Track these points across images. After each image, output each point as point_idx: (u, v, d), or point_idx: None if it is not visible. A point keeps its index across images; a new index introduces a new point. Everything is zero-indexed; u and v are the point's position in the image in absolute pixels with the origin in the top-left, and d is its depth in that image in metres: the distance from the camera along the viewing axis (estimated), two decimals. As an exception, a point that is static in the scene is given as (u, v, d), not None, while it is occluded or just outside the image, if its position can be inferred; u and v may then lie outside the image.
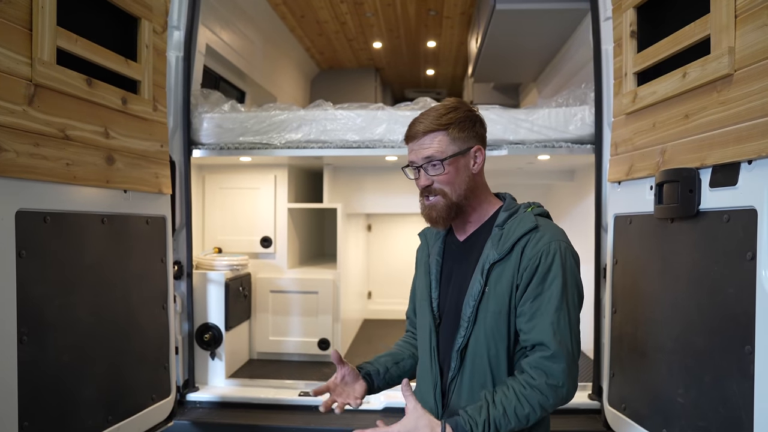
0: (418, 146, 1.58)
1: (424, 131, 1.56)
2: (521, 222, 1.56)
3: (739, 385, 1.60)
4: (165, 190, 2.58)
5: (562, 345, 1.45)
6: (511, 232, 1.55)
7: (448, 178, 1.57)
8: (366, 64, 7.43)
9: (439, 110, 1.58)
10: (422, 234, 1.84)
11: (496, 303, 1.53)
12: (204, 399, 3.05)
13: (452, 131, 1.56)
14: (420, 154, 1.58)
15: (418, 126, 1.58)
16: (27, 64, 1.77)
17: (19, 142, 1.73)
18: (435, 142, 1.56)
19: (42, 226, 1.86)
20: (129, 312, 2.33)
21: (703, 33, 1.79)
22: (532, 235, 1.53)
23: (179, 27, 2.95)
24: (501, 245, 1.54)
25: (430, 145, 1.56)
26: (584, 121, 2.99)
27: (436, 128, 1.56)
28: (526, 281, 1.50)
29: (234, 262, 3.41)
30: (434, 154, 1.55)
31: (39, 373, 1.83)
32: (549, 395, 1.44)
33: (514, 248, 1.53)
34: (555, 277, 1.48)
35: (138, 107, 2.35)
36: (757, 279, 1.53)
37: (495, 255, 1.54)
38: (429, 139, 1.56)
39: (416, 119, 1.60)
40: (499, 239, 1.56)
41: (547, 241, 1.51)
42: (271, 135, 3.22)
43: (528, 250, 1.51)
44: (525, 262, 1.51)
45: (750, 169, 1.59)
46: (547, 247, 1.50)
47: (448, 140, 1.56)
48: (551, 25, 4.09)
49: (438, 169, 1.56)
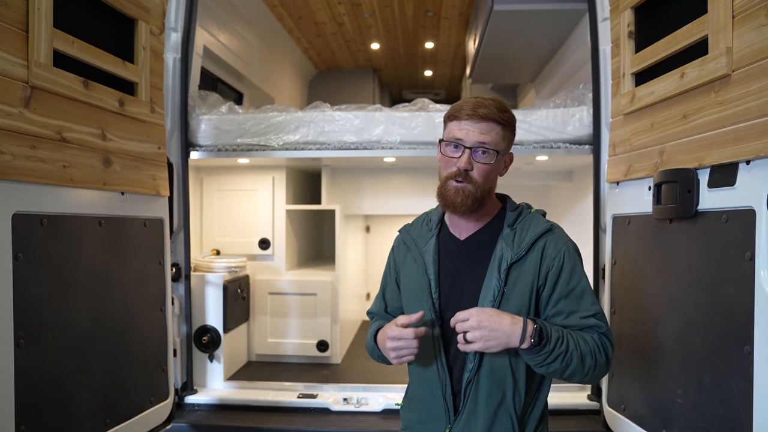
0: (476, 128, 1.52)
1: (486, 116, 1.52)
2: (533, 223, 1.58)
3: (738, 386, 1.60)
4: (163, 192, 2.57)
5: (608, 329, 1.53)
6: (525, 232, 1.56)
7: (488, 170, 1.54)
8: (364, 66, 7.42)
9: (500, 105, 1.55)
10: (404, 231, 1.77)
11: (516, 302, 1.51)
12: (202, 401, 3.04)
13: (506, 129, 1.55)
14: (475, 137, 1.52)
15: (480, 109, 1.52)
16: (23, 66, 1.77)
17: (15, 145, 1.73)
18: (493, 132, 1.52)
19: (39, 228, 1.85)
20: (127, 314, 2.32)
21: (700, 33, 1.79)
22: (549, 237, 1.55)
23: (176, 29, 2.95)
24: (517, 245, 1.54)
25: (488, 132, 1.52)
26: (582, 121, 2.99)
27: (498, 120, 1.52)
28: (552, 281, 1.53)
29: (232, 264, 3.40)
30: (489, 143, 1.52)
31: (36, 377, 1.82)
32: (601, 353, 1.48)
33: (533, 248, 1.54)
34: (579, 274, 1.54)
35: (135, 109, 2.34)
36: (756, 279, 1.53)
37: (512, 255, 1.53)
38: (488, 126, 1.52)
39: (473, 101, 1.54)
40: (512, 239, 1.55)
41: (564, 242, 1.56)
42: (269, 137, 3.21)
43: (549, 251, 1.54)
44: (548, 262, 1.53)
45: (748, 169, 1.59)
46: (566, 247, 1.55)
47: (501, 136, 1.54)
48: (549, 26, 4.09)
49: (488, 158, 1.52)
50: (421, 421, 1.63)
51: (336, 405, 2.96)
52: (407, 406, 1.70)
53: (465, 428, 1.53)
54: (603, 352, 1.48)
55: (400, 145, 3.17)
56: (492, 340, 1.40)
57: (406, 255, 1.72)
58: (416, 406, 1.65)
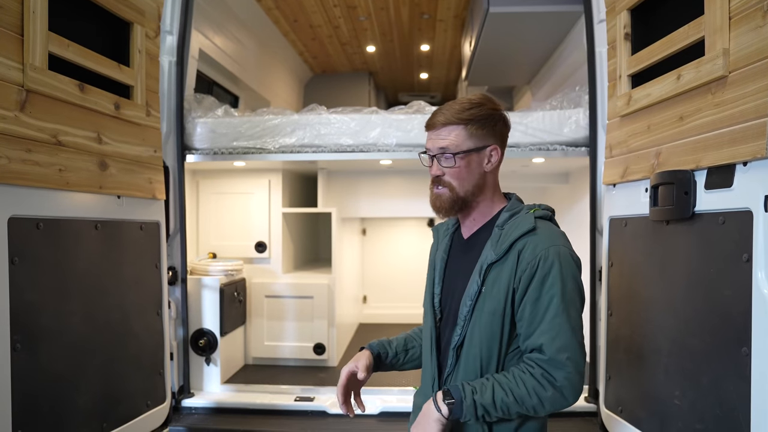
0: (435, 135, 1.60)
1: (444, 122, 1.58)
2: (520, 224, 1.54)
3: (735, 387, 1.60)
4: (159, 196, 2.57)
5: (561, 352, 1.42)
6: (509, 233, 1.53)
7: (458, 172, 1.58)
8: (359, 68, 7.42)
9: (464, 104, 1.58)
10: (434, 229, 1.86)
11: (491, 303, 1.51)
12: (199, 405, 3.03)
13: (471, 127, 1.57)
14: (436, 143, 1.59)
15: (438, 116, 1.59)
16: (18, 69, 1.76)
17: (11, 148, 1.72)
18: (452, 135, 1.57)
19: (35, 232, 1.84)
20: (123, 318, 2.31)
21: (697, 35, 1.79)
22: (529, 238, 1.50)
23: (172, 32, 2.94)
24: (498, 246, 1.53)
25: (446, 137, 1.57)
26: (578, 123, 2.99)
27: (455, 121, 1.57)
28: (524, 285, 1.48)
29: (228, 268, 3.39)
30: (448, 147, 1.57)
31: (33, 381, 1.81)
32: (546, 386, 1.42)
33: (511, 250, 1.51)
34: (554, 282, 1.45)
35: (131, 112, 2.34)
36: (753, 281, 1.53)
37: (492, 256, 1.52)
38: (447, 130, 1.58)
39: (439, 108, 1.62)
40: (497, 240, 1.55)
41: (546, 245, 1.48)
42: (265, 139, 3.21)
43: (526, 253, 1.48)
44: (523, 265, 1.48)
45: (745, 170, 1.60)
46: (545, 252, 1.47)
47: (465, 135, 1.57)
48: (545, 28, 4.10)
49: (449, 161, 1.58)
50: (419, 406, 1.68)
51: (333, 408, 2.95)
52: (417, 392, 1.78)
53: None
54: (547, 385, 1.42)
55: (397, 147, 3.17)
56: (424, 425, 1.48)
57: (432, 251, 1.83)
58: (421, 393, 1.73)
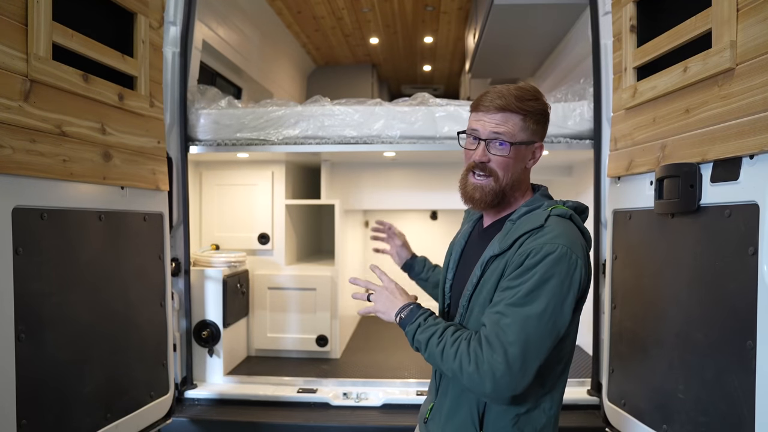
0: (490, 119, 1.50)
1: (503, 107, 1.49)
2: (531, 220, 1.47)
3: (740, 381, 1.59)
4: (162, 187, 2.56)
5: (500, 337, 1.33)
6: (518, 228, 1.47)
7: (506, 162, 1.50)
8: (363, 60, 7.41)
9: (523, 93, 1.50)
10: (467, 211, 1.83)
11: (486, 294, 1.47)
12: (202, 396, 3.04)
13: (528, 119, 1.51)
14: (489, 127, 1.50)
15: (497, 99, 1.49)
16: (22, 59, 1.75)
17: (15, 139, 1.72)
18: (509, 122, 1.49)
19: (39, 223, 1.84)
20: (127, 309, 2.32)
21: (704, 27, 1.78)
22: (533, 233, 1.42)
23: (175, 22, 2.93)
24: (504, 240, 1.47)
25: (503, 122, 1.49)
26: (583, 116, 2.98)
27: (515, 109, 1.49)
28: (509, 272, 1.41)
29: (231, 259, 3.40)
30: (505, 134, 1.49)
31: (37, 371, 1.82)
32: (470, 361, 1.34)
33: (515, 244, 1.45)
34: (532, 276, 1.35)
35: (134, 103, 2.33)
36: (759, 274, 1.52)
37: (497, 249, 1.48)
38: (503, 116, 1.49)
39: (494, 91, 1.52)
40: (506, 234, 1.49)
41: (544, 241, 1.38)
42: (269, 131, 3.20)
43: (525, 246, 1.41)
44: (518, 256, 1.41)
45: (752, 163, 1.59)
46: (539, 246, 1.37)
47: (522, 126, 1.50)
48: (550, 20, 4.08)
49: (503, 150, 1.49)
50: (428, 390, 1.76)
51: (336, 400, 2.96)
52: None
53: (439, 406, 1.60)
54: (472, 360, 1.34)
55: (400, 139, 3.16)
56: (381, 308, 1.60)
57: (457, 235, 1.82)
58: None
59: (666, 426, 1.97)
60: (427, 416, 1.65)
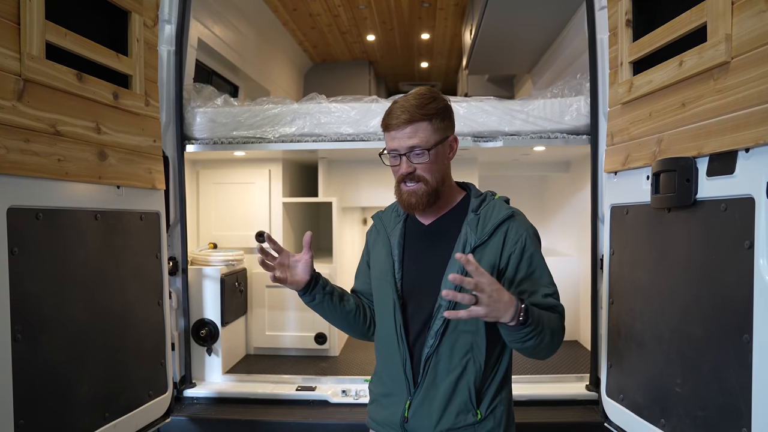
0: (402, 135, 1.61)
1: (408, 120, 1.59)
2: (496, 209, 1.66)
3: (737, 375, 1.60)
4: (159, 186, 2.56)
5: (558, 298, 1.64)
6: (488, 217, 1.64)
7: (429, 166, 1.61)
8: (359, 57, 7.40)
9: (421, 100, 1.61)
10: (377, 217, 1.88)
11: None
12: (201, 395, 3.04)
13: (434, 121, 1.61)
14: (404, 143, 1.61)
15: (402, 115, 1.60)
16: (15, 58, 1.75)
17: (9, 138, 1.71)
18: (420, 131, 1.60)
19: (34, 222, 1.84)
20: (124, 309, 2.31)
21: (699, 20, 1.77)
22: (511, 222, 1.63)
23: (170, 21, 2.92)
24: (480, 230, 1.62)
25: (414, 134, 1.60)
26: (580, 111, 2.98)
27: (420, 118, 1.59)
28: (515, 264, 1.61)
29: (229, 258, 3.39)
30: (419, 144, 1.60)
31: (34, 371, 1.81)
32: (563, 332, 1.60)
33: (495, 233, 1.62)
34: (537, 256, 1.64)
35: (130, 102, 2.32)
36: (755, 268, 1.53)
37: (476, 239, 1.61)
38: (413, 128, 1.60)
39: (396, 108, 1.63)
40: (476, 224, 1.63)
41: (525, 228, 1.64)
42: (265, 129, 3.19)
43: (511, 235, 1.61)
44: (510, 246, 1.61)
45: (747, 157, 1.59)
46: (526, 233, 1.63)
47: (431, 130, 1.61)
48: (546, 15, 4.08)
49: (423, 157, 1.60)
50: (385, 394, 1.72)
51: (335, 397, 2.97)
52: (374, 381, 1.81)
53: (424, 400, 1.62)
54: (562, 329, 1.59)
55: (398, 136, 3.15)
56: (495, 310, 1.37)
57: (376, 239, 1.83)
58: (381, 381, 1.75)
59: (664, 420, 1.97)
60: (407, 415, 1.63)
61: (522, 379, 3.00)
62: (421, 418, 1.62)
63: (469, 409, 1.60)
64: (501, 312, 1.38)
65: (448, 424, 1.59)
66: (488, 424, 1.61)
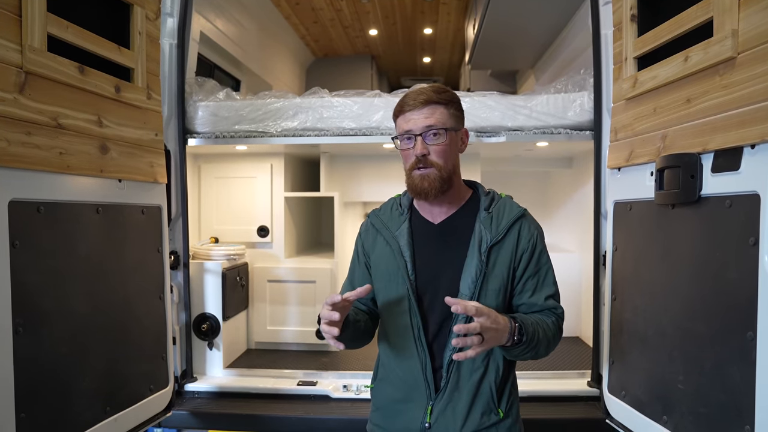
0: (419, 115, 1.59)
1: (426, 101, 1.59)
2: (508, 207, 1.68)
3: (740, 372, 1.59)
4: (160, 180, 2.55)
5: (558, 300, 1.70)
6: (501, 216, 1.65)
7: (444, 150, 1.60)
8: (362, 52, 7.38)
9: (438, 87, 1.64)
10: (373, 215, 1.81)
11: (495, 282, 1.61)
12: (202, 389, 3.04)
13: (450, 108, 1.62)
14: (420, 122, 1.59)
15: (418, 97, 1.60)
16: (17, 51, 1.74)
17: (10, 131, 1.70)
18: (437, 113, 1.60)
19: (36, 215, 1.83)
20: (125, 302, 2.31)
21: (705, 15, 1.76)
22: (523, 221, 1.67)
23: (173, 14, 2.91)
24: (495, 228, 1.63)
25: (431, 114, 1.59)
26: (583, 107, 2.96)
27: (437, 101, 1.60)
28: (525, 261, 1.64)
29: (231, 252, 3.39)
30: (436, 123, 1.59)
31: (35, 364, 1.81)
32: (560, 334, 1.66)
33: (510, 231, 1.64)
34: (545, 255, 1.68)
35: (132, 95, 2.32)
36: (760, 264, 1.52)
37: (491, 237, 1.62)
38: (430, 109, 1.59)
39: (412, 92, 1.63)
40: (490, 223, 1.64)
41: (535, 226, 1.69)
42: (267, 123, 3.18)
43: (524, 233, 1.65)
44: (524, 244, 1.64)
45: (753, 153, 1.58)
46: (537, 231, 1.68)
47: (447, 114, 1.61)
48: (550, 10, 4.06)
49: (439, 138, 1.59)
50: (399, 400, 1.67)
51: (336, 392, 2.96)
52: (380, 387, 1.75)
53: (448, 403, 1.60)
54: (559, 333, 1.64)
55: (400, 131, 3.14)
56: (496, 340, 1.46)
57: (375, 238, 1.77)
58: (393, 387, 1.69)
59: (666, 417, 1.97)
60: (429, 420, 1.60)
61: (524, 375, 2.99)
62: (445, 422, 1.60)
63: (492, 409, 1.61)
64: (500, 339, 1.46)
65: (474, 425, 1.60)
66: (508, 421, 1.64)
